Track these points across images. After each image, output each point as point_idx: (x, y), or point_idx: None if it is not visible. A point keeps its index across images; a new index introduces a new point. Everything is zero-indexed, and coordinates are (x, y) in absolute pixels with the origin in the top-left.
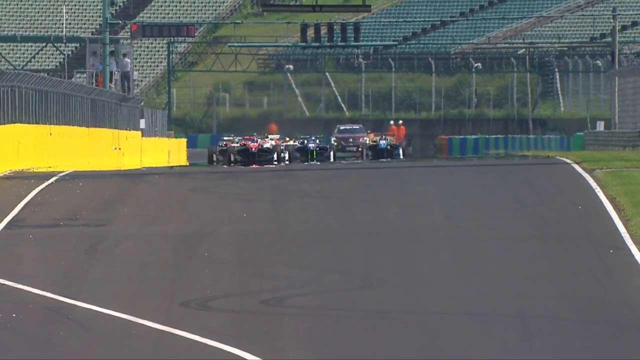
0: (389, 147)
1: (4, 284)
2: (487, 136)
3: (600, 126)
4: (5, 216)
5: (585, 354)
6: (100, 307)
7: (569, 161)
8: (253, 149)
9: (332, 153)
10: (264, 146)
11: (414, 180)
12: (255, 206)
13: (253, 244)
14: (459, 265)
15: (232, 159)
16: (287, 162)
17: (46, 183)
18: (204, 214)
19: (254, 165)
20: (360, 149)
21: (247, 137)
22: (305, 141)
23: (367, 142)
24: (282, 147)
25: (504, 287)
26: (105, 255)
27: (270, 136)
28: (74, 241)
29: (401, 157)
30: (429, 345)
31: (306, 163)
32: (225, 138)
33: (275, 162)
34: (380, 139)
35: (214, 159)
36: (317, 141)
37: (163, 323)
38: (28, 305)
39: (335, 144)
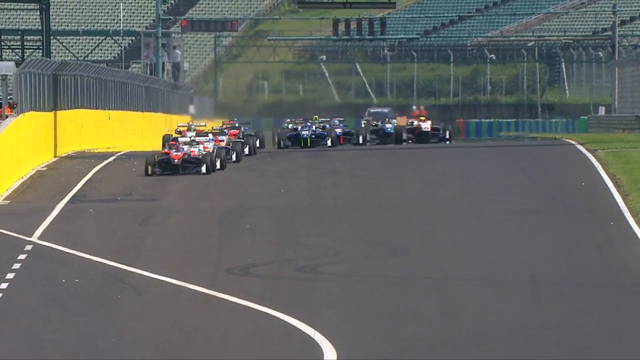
0: (430, 129)
1: (68, 253)
2: (500, 120)
3: (602, 111)
4: (69, 192)
5: (588, 316)
6: (153, 273)
7: (573, 142)
8: (175, 160)
9: (329, 139)
10: (192, 155)
11: (435, 159)
12: (291, 183)
13: (289, 217)
14: (474, 235)
15: (150, 171)
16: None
17: (105, 162)
18: (245, 189)
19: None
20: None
21: (227, 122)
22: (300, 127)
23: (363, 125)
24: (214, 154)
25: (515, 256)
26: (158, 227)
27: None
28: (130, 214)
29: (447, 141)
30: (447, 308)
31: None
32: (180, 124)
33: (203, 173)
34: (385, 122)
35: (149, 172)
36: (314, 127)
37: (209, 287)
38: (89, 271)
39: (365, 125)
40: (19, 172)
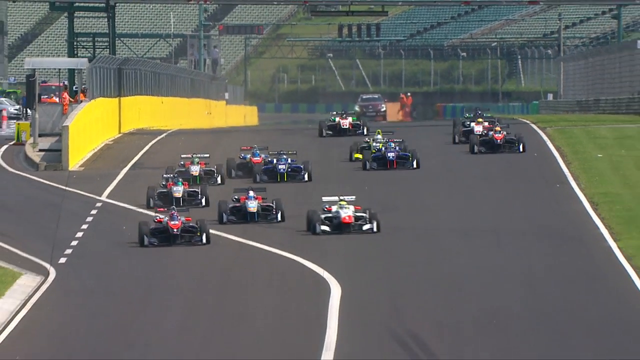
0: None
1: (129, 209)
2: (469, 104)
3: (550, 97)
4: (130, 161)
5: (540, 258)
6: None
7: (528, 122)
8: (175, 230)
9: (306, 174)
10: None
11: (419, 136)
12: (306, 153)
13: (308, 184)
14: (450, 196)
15: (146, 241)
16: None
17: (158, 137)
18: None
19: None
20: (379, 112)
21: (245, 147)
22: (275, 160)
23: (357, 109)
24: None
25: (482, 211)
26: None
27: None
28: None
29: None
30: (428, 253)
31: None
32: (184, 156)
33: (201, 243)
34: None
35: (151, 204)
36: (289, 160)
37: (241, 236)
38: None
39: (359, 111)
40: (91, 145)
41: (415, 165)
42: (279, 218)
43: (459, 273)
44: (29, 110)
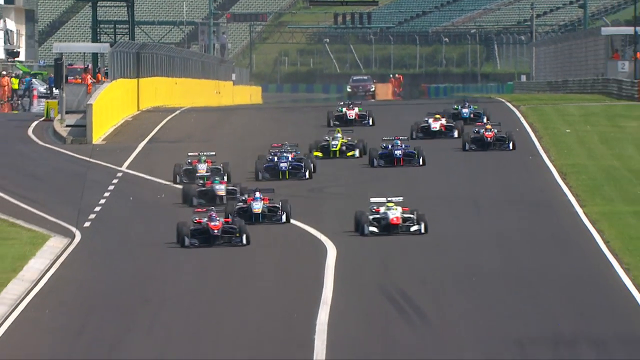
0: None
1: (147, 178)
2: (452, 84)
3: (523, 78)
4: (148, 135)
5: (514, 222)
6: None
7: (503, 100)
8: (215, 231)
9: (307, 172)
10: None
11: (406, 113)
12: (303, 129)
13: (304, 151)
14: (433, 166)
15: (187, 242)
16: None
17: (173, 114)
18: (272, 134)
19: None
20: (368, 92)
21: (276, 145)
22: (276, 158)
23: (348, 89)
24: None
25: (462, 181)
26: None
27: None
28: (191, 147)
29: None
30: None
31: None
32: (190, 154)
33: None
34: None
35: (178, 180)
36: (289, 157)
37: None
38: (161, 190)
39: (350, 91)
40: (112, 121)
41: (421, 162)
42: (284, 219)
43: (441, 236)
44: (56, 90)
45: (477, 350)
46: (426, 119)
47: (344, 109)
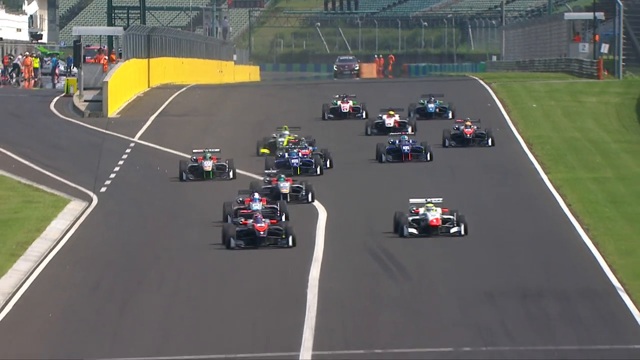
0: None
1: (157, 148)
2: (430, 64)
3: (494, 58)
4: (158, 109)
5: (486, 187)
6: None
7: (476, 78)
8: (261, 232)
9: (318, 168)
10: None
11: (388, 89)
12: (298, 104)
13: (297, 122)
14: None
15: (233, 244)
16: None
17: (180, 91)
18: (269, 108)
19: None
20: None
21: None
22: (287, 154)
23: (335, 69)
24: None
25: (439, 151)
26: (214, 133)
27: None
28: (196, 122)
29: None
30: (396, 184)
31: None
32: (195, 150)
33: (287, 246)
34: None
35: (184, 177)
36: (300, 153)
37: (245, 170)
38: (170, 160)
39: (337, 70)
40: (125, 97)
41: (428, 158)
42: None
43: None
44: (75, 69)
45: (453, 302)
46: (380, 115)
47: (339, 102)
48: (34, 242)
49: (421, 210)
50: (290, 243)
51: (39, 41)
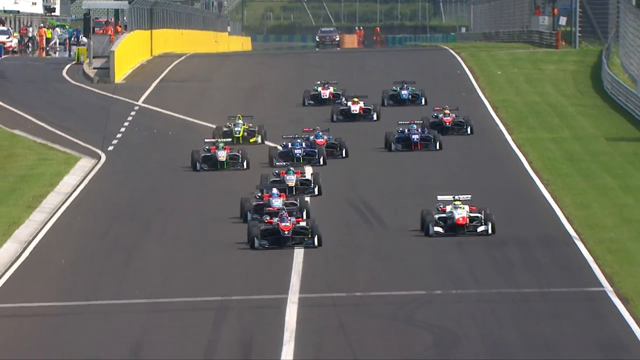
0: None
1: (159, 111)
2: (405, 35)
3: (463, 30)
4: (159, 76)
5: (455, 146)
6: (208, 122)
7: (447, 48)
8: (286, 232)
9: (321, 158)
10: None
11: (368, 58)
12: (286, 72)
13: (285, 91)
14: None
15: (257, 244)
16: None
17: (180, 59)
18: (260, 75)
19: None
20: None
21: (307, 129)
22: (290, 145)
23: (317, 39)
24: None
25: (416, 117)
26: (210, 97)
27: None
28: (195, 87)
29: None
30: (372, 133)
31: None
32: (207, 140)
33: (313, 245)
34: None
35: (198, 167)
36: (303, 144)
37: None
38: (171, 122)
39: (319, 41)
40: (130, 65)
41: (437, 147)
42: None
43: (397, 156)
44: (84, 39)
45: (424, 249)
46: (345, 101)
47: (319, 89)
48: (48, 196)
49: (448, 208)
50: (316, 243)
51: (52, 14)
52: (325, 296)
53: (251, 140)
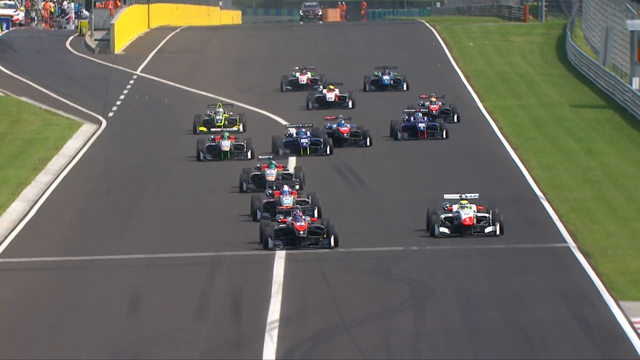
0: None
1: (155, 79)
2: (384, 10)
3: (438, 5)
4: (156, 47)
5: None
6: (202, 90)
7: (423, 21)
8: (301, 232)
9: (328, 148)
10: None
11: (350, 31)
12: (276, 42)
13: (275, 60)
14: (369, 63)
15: (271, 244)
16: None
17: (175, 32)
18: (250, 46)
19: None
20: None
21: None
22: (295, 134)
23: (300, 13)
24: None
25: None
26: (203, 67)
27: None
28: (189, 58)
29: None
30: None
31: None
32: (213, 130)
33: (330, 246)
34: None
35: (201, 157)
36: (308, 133)
37: (231, 98)
38: (167, 90)
39: (302, 14)
40: (129, 37)
41: (444, 136)
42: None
43: (376, 122)
44: (86, 12)
45: (403, 206)
46: (321, 89)
47: (297, 74)
48: (53, 158)
49: (454, 208)
50: (332, 244)
51: None
52: (309, 252)
53: (233, 128)
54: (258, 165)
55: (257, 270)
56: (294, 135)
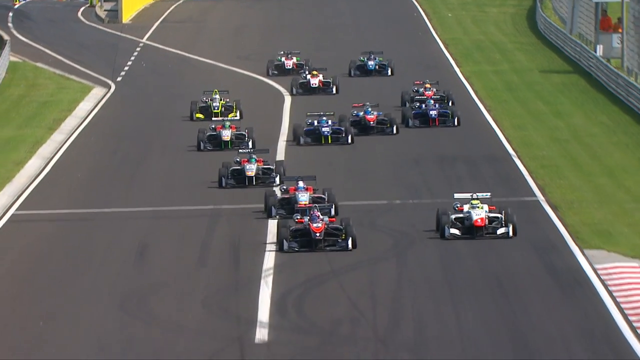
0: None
1: (161, 47)
2: None
3: None
4: (161, 17)
5: (411, 77)
6: (203, 57)
7: None
8: (317, 234)
9: (350, 137)
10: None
11: (337, 2)
12: (267, 13)
13: (269, 30)
14: (357, 44)
15: (286, 246)
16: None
17: (178, 3)
18: (246, 16)
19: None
20: None
21: (356, 104)
22: (316, 122)
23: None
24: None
25: (377, 48)
26: (204, 35)
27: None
28: (189, 27)
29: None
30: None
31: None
32: (215, 119)
33: (348, 248)
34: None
35: (202, 147)
36: (330, 122)
37: (230, 65)
38: (172, 57)
39: None
40: (136, 7)
41: (456, 123)
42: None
43: (359, 88)
44: None
45: (388, 164)
46: (305, 74)
47: (283, 59)
48: (66, 119)
49: (465, 208)
50: (350, 246)
51: None
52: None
53: (229, 116)
54: (238, 159)
55: (253, 222)
56: (315, 123)
